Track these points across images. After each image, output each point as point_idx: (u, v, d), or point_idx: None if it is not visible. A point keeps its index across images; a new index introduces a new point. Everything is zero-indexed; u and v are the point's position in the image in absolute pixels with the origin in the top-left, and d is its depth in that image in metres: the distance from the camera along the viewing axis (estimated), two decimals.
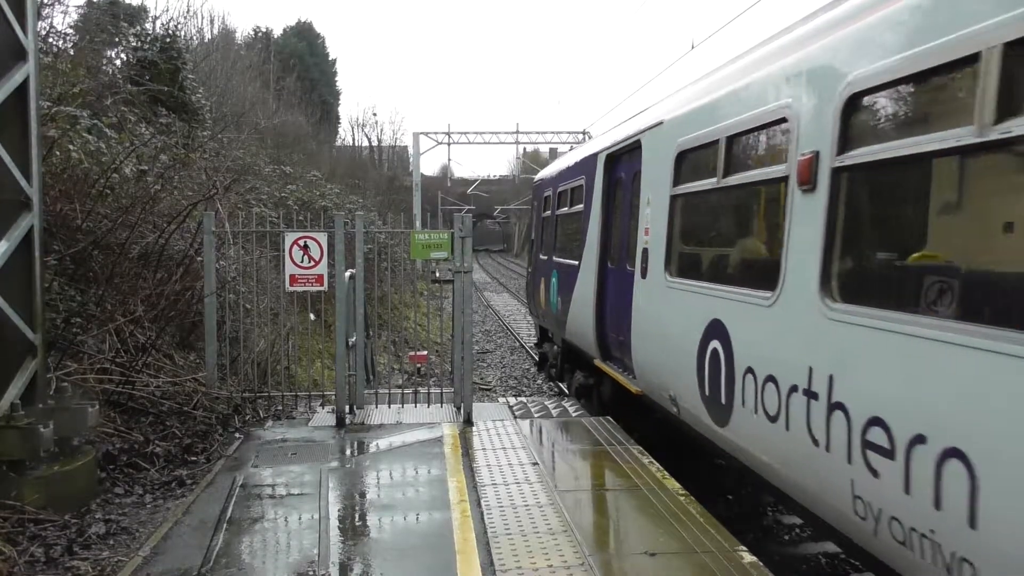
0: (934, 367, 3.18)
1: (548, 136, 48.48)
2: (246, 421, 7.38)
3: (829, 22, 4.31)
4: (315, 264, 7.47)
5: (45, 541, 4.55)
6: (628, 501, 5.24)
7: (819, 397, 3.94)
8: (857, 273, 4.06)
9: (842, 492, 3.73)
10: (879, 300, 3.66)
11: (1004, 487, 2.77)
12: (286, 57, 40.76)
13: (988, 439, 2.86)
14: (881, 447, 3.41)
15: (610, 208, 8.36)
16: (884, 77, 3.62)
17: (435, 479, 5.71)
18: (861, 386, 3.65)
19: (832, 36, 4.16)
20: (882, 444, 3.40)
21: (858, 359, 3.68)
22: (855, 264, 4.08)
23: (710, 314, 5.35)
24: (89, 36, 13.76)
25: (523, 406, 8.25)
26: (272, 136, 24.27)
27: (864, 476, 3.54)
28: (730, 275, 5.54)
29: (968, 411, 2.98)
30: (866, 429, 3.52)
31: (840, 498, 3.77)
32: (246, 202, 11.82)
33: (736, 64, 5.63)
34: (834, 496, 3.85)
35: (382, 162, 56.26)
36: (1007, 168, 3.16)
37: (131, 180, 8.71)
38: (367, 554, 4.41)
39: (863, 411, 3.57)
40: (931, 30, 3.32)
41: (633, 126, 7.74)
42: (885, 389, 3.46)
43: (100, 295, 7.02)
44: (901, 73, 3.51)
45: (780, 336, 4.43)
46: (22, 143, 5.16)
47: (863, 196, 4.04)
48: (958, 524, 2.93)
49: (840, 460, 3.72)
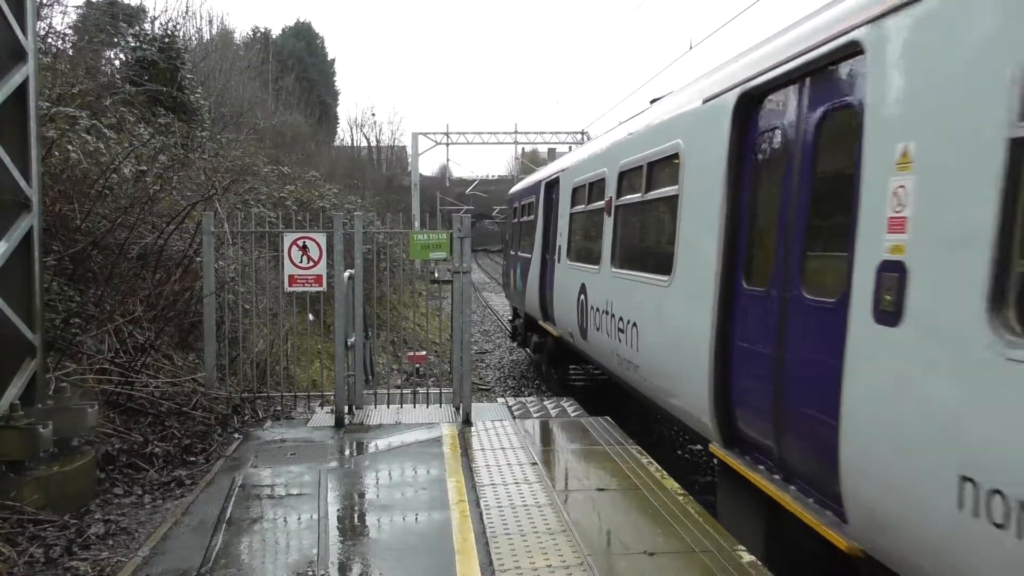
0: (634, 290, 7.27)
1: (547, 136, 48.56)
2: (245, 421, 7.39)
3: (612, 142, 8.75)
4: (314, 264, 7.47)
5: (44, 541, 4.55)
6: (627, 501, 5.25)
7: (609, 312, 8.02)
8: (621, 255, 8.10)
9: (620, 357, 7.62)
10: (627, 265, 7.77)
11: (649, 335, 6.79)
12: (285, 57, 40.77)
13: (646, 317, 6.85)
14: (621, 329, 7.53)
15: (548, 218, 12.06)
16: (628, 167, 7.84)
17: (434, 479, 5.71)
18: (619, 304, 7.75)
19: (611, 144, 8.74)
20: (621, 327, 7.53)
21: (620, 291, 7.77)
22: (620, 251, 8.15)
23: (580, 280, 9.43)
24: (88, 36, 13.77)
25: (522, 406, 8.26)
26: (271, 136, 24.26)
27: (622, 346, 7.51)
28: (588, 259, 9.33)
29: (642, 307, 7.00)
30: (619, 322, 7.63)
31: (621, 360, 7.60)
32: (245, 202, 11.81)
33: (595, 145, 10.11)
34: (618, 361, 7.73)
35: (381, 162, 56.28)
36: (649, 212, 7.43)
37: (130, 180, 8.71)
38: (366, 554, 4.42)
39: (618, 314, 7.66)
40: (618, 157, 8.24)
41: (559, 166, 11.99)
42: (624, 303, 7.56)
43: (99, 295, 7.02)
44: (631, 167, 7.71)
45: (601, 287, 8.50)
46: (21, 144, 5.16)
47: (625, 219, 8.14)
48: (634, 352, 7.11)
49: (615, 342, 7.76)
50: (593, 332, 8.61)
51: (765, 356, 4.72)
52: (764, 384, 4.70)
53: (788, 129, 4.69)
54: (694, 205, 5.89)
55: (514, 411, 8.01)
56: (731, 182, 5.27)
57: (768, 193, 4.98)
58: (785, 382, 4.45)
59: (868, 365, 3.58)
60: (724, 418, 5.29)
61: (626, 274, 7.63)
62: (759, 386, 4.79)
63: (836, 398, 3.75)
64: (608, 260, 8.24)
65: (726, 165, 5.29)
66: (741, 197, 5.25)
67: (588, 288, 8.92)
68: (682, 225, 6.11)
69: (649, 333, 6.77)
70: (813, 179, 4.38)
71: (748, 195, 5.19)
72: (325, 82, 49.50)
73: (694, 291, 5.71)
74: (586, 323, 8.90)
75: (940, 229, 3.18)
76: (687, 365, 5.71)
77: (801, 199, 4.46)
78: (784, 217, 4.63)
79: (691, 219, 5.95)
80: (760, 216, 5.11)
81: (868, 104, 3.74)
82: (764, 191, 5.05)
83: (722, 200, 5.32)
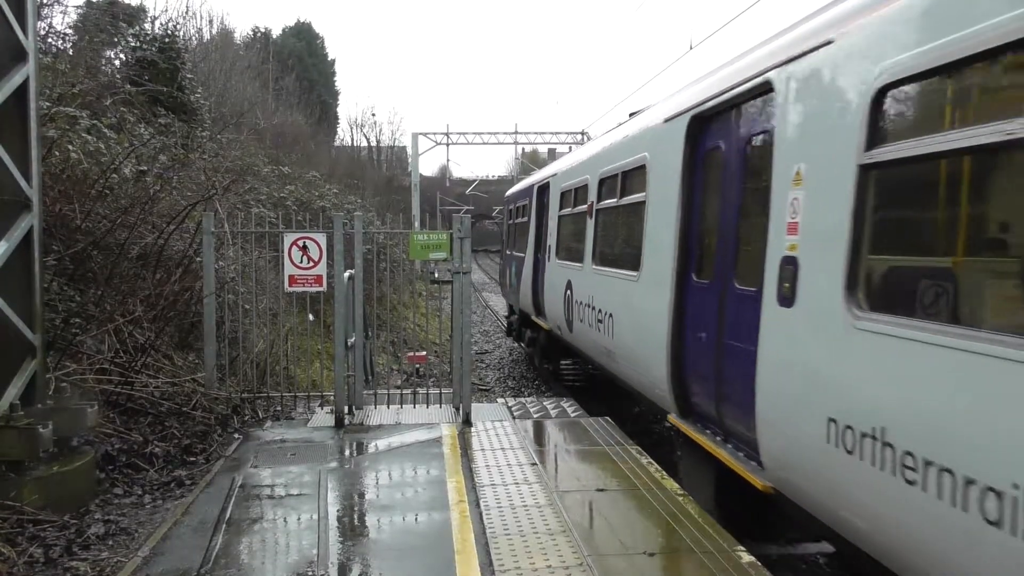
0: (611, 285, 7.95)
1: (547, 136, 48.57)
2: (245, 422, 7.39)
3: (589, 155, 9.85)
4: (314, 265, 7.47)
5: (44, 542, 4.55)
6: (626, 501, 5.25)
7: (591, 306, 8.68)
8: (601, 254, 8.81)
9: (599, 345, 8.41)
10: (605, 263, 8.49)
11: (622, 324, 7.50)
12: (285, 57, 40.78)
13: (620, 309, 7.56)
14: (600, 320, 8.21)
15: (540, 220, 12.75)
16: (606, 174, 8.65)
17: (434, 480, 5.71)
18: (599, 298, 8.42)
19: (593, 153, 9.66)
20: (600, 319, 8.21)
21: (600, 286, 8.45)
22: (600, 250, 8.88)
23: (567, 277, 10.14)
24: (88, 36, 13.74)
25: (522, 406, 8.26)
26: (271, 136, 24.27)
27: (601, 336, 8.22)
28: (573, 258, 9.96)
29: (617, 300, 7.68)
30: (599, 313, 8.33)
31: (600, 348, 8.37)
32: (245, 202, 11.82)
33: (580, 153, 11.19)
34: (598, 349, 8.52)
35: (381, 162, 56.29)
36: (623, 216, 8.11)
37: (130, 180, 8.71)
38: (366, 554, 4.42)
39: (598, 307, 8.38)
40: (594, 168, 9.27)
41: (549, 171, 12.71)
42: (603, 296, 8.25)
43: (99, 295, 7.02)
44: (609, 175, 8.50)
45: (584, 283, 9.22)
46: (22, 144, 5.17)
47: (604, 221, 8.87)
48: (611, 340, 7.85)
49: (596, 332, 8.47)
50: (578, 324, 9.40)
51: (710, 338, 5.57)
52: (708, 362, 5.58)
53: (726, 149, 5.58)
54: (657, 210, 6.71)
55: (514, 411, 8.01)
56: (685, 191, 6.12)
57: (711, 201, 5.86)
58: (723, 359, 5.33)
59: (773, 339, 4.48)
60: (680, 392, 6.13)
61: (605, 271, 8.41)
62: (705, 364, 5.66)
63: (753, 369, 4.61)
64: (590, 258, 9.06)
65: (680, 176, 6.14)
66: (693, 204, 6.08)
67: (573, 284, 9.75)
68: (648, 227, 6.91)
69: (622, 322, 7.58)
70: (743, 191, 5.27)
71: (698, 202, 6.04)
72: (325, 82, 49.53)
73: (656, 285, 6.48)
74: (572, 316, 9.73)
75: (817, 231, 4.08)
76: (651, 349, 6.53)
77: (734, 206, 5.36)
78: (723, 221, 5.55)
79: (655, 222, 6.76)
80: (706, 220, 5.95)
81: (777, 132, 4.60)
82: (709, 199, 5.91)
83: (678, 206, 6.15)
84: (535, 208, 13.12)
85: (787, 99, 4.51)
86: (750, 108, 5.20)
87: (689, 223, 6.08)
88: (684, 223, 6.10)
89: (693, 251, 6.06)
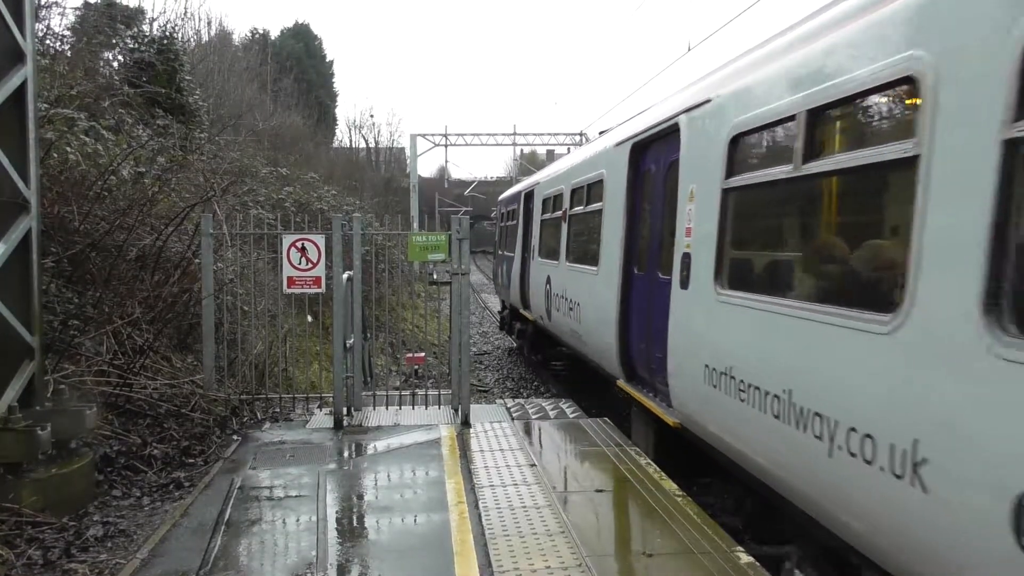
0: (579, 278, 9.28)
1: (545, 138, 48.57)
2: (244, 423, 7.38)
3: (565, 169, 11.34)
4: (313, 266, 7.48)
5: (43, 544, 4.55)
6: (625, 502, 5.26)
7: (565, 297, 10.01)
8: (572, 252, 10.07)
9: (570, 329, 9.62)
10: (575, 260, 9.69)
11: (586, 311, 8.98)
12: (283, 59, 40.71)
13: (584, 298, 8.96)
14: (571, 308, 9.49)
15: (527, 223, 14.11)
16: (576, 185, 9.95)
17: (433, 481, 5.72)
18: (570, 289, 9.75)
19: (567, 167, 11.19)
20: (571, 307, 9.47)
21: (571, 280, 9.76)
22: (571, 249, 10.14)
23: (547, 273, 11.58)
24: (86, 38, 13.73)
25: (520, 408, 8.26)
26: (269, 138, 24.25)
27: (572, 321, 9.44)
28: (551, 256, 11.35)
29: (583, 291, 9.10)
30: (570, 303, 9.57)
31: (571, 331, 9.60)
32: (243, 204, 11.81)
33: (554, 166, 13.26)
34: (569, 332, 9.77)
35: (379, 164, 56.22)
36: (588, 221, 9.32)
37: (128, 182, 8.70)
38: (365, 556, 4.42)
39: (570, 297, 9.67)
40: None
41: (534, 180, 14.44)
42: (573, 288, 9.56)
43: (98, 297, 7.02)
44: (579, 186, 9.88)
45: (559, 277, 10.56)
46: (20, 145, 5.17)
47: (574, 225, 10.16)
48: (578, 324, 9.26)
49: (568, 318, 9.70)
50: (555, 313, 10.94)
51: (644, 318, 7.08)
52: (643, 336, 7.08)
53: (655, 171, 7.14)
54: (610, 217, 8.13)
55: (513, 412, 8.01)
56: (628, 202, 7.68)
57: (646, 210, 7.42)
58: (652, 333, 6.74)
59: (677, 313, 5.98)
60: (625, 362, 7.60)
61: (575, 267, 9.85)
62: (641, 338, 7.16)
63: (666, 336, 6.10)
64: (564, 256, 10.52)
65: (625, 190, 7.70)
66: (635, 212, 7.63)
67: (551, 279, 11.27)
68: (604, 231, 8.34)
69: (586, 309, 9.01)
70: (664, 203, 6.71)
71: (638, 211, 7.60)
72: (323, 83, 49.45)
73: (609, 277, 7.94)
74: (551, 307, 11.27)
75: (701, 235, 5.57)
76: (605, 329, 7.98)
77: (660, 215, 6.84)
78: (653, 226, 7.12)
79: (608, 227, 8.18)
80: (643, 225, 7.48)
81: (681, 160, 6.11)
82: (644, 209, 7.48)
83: (624, 214, 7.70)
84: (522, 212, 14.58)
85: (687, 137, 6.03)
86: (669, 140, 6.58)
87: (632, 227, 7.60)
88: (628, 227, 7.62)
89: (634, 249, 7.54)
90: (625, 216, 7.58)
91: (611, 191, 8.12)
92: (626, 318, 7.50)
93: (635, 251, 7.46)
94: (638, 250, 7.42)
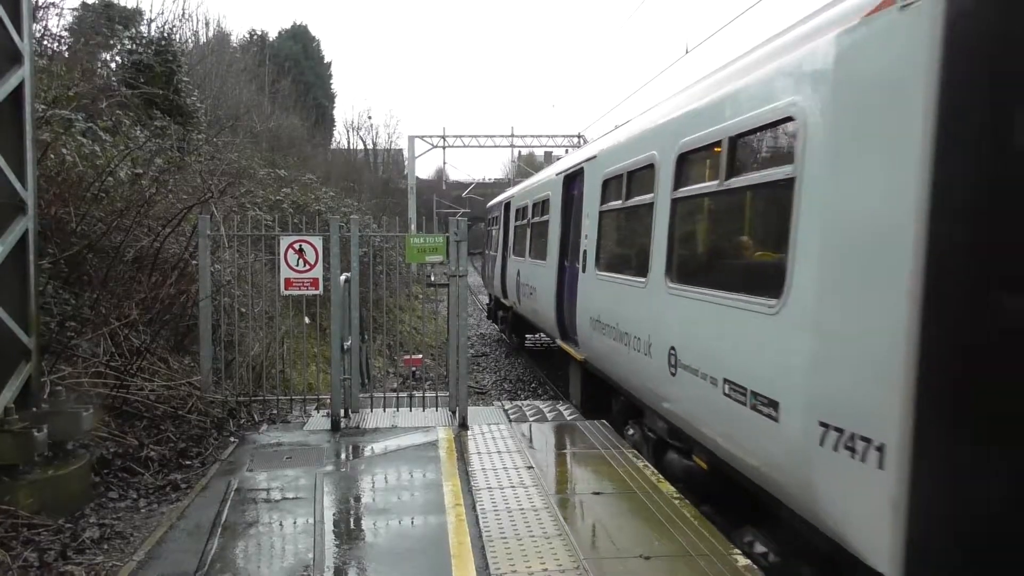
0: (535, 269, 12.72)
1: (543, 139, 48.57)
2: (241, 425, 7.37)
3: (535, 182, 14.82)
4: (310, 268, 7.47)
5: (39, 546, 4.53)
6: (623, 504, 5.26)
7: (528, 284, 13.46)
8: (534, 250, 13.09)
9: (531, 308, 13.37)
10: (534, 256, 12.98)
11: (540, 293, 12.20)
12: (281, 60, 40.69)
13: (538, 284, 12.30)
14: (531, 293, 13.21)
15: (506, 228, 17.03)
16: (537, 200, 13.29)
17: (430, 483, 5.71)
18: (532, 279, 13.03)
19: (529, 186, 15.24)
20: (531, 292, 13.19)
21: (531, 271, 13.09)
22: (533, 248, 13.29)
23: (517, 267, 14.74)
24: (84, 39, 13.73)
25: (518, 410, 8.26)
26: (267, 139, 24.24)
27: (531, 301, 13.13)
28: (520, 254, 14.43)
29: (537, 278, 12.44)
30: (530, 288, 13.20)
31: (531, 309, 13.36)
32: (241, 205, 11.80)
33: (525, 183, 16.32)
34: (530, 310, 13.47)
35: (377, 165, 56.22)
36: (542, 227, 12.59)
37: (126, 183, 8.69)
38: (362, 558, 4.41)
39: (530, 284, 13.22)
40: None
41: (510, 193, 17.69)
42: (533, 277, 12.93)
43: (95, 298, 7.00)
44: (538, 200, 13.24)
45: (525, 270, 13.87)
46: (17, 147, 5.16)
47: (535, 230, 13.16)
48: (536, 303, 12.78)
49: (529, 299, 13.42)
50: (523, 297, 14.06)
51: (572, 294, 9.61)
52: (570, 306, 9.72)
53: (576, 195, 9.87)
54: (554, 225, 11.23)
55: (510, 415, 8.01)
56: (563, 215, 10.74)
57: (570, 221, 10.32)
58: (575, 303, 9.36)
59: (582, 287, 8.95)
60: (559, 325, 10.63)
61: (534, 261, 12.88)
62: (568, 307, 9.88)
63: (576, 302, 9.18)
64: (528, 254, 13.66)
65: (561, 208, 10.89)
66: (568, 222, 10.47)
67: (520, 272, 14.38)
68: (550, 235, 11.36)
69: (539, 291, 12.14)
70: (577, 218, 9.55)
71: (568, 221, 10.45)
72: (321, 85, 49.40)
73: (551, 267, 10.93)
74: (520, 294, 14.39)
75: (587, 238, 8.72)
76: (549, 303, 11.08)
77: (576, 225, 9.68)
78: (573, 232, 9.95)
79: (552, 232, 11.26)
80: (570, 231, 10.32)
81: (584, 191, 9.20)
82: (569, 220, 10.36)
83: (559, 223, 10.85)
84: (503, 219, 17.77)
85: (586, 176, 9.13)
86: (580, 176, 9.56)
87: (565, 231, 10.56)
88: (563, 232, 10.63)
89: (566, 247, 10.43)
90: (560, 225, 10.81)
91: (553, 207, 11.37)
92: (560, 295, 10.57)
93: (567, 249, 10.44)
94: (567, 248, 10.44)
